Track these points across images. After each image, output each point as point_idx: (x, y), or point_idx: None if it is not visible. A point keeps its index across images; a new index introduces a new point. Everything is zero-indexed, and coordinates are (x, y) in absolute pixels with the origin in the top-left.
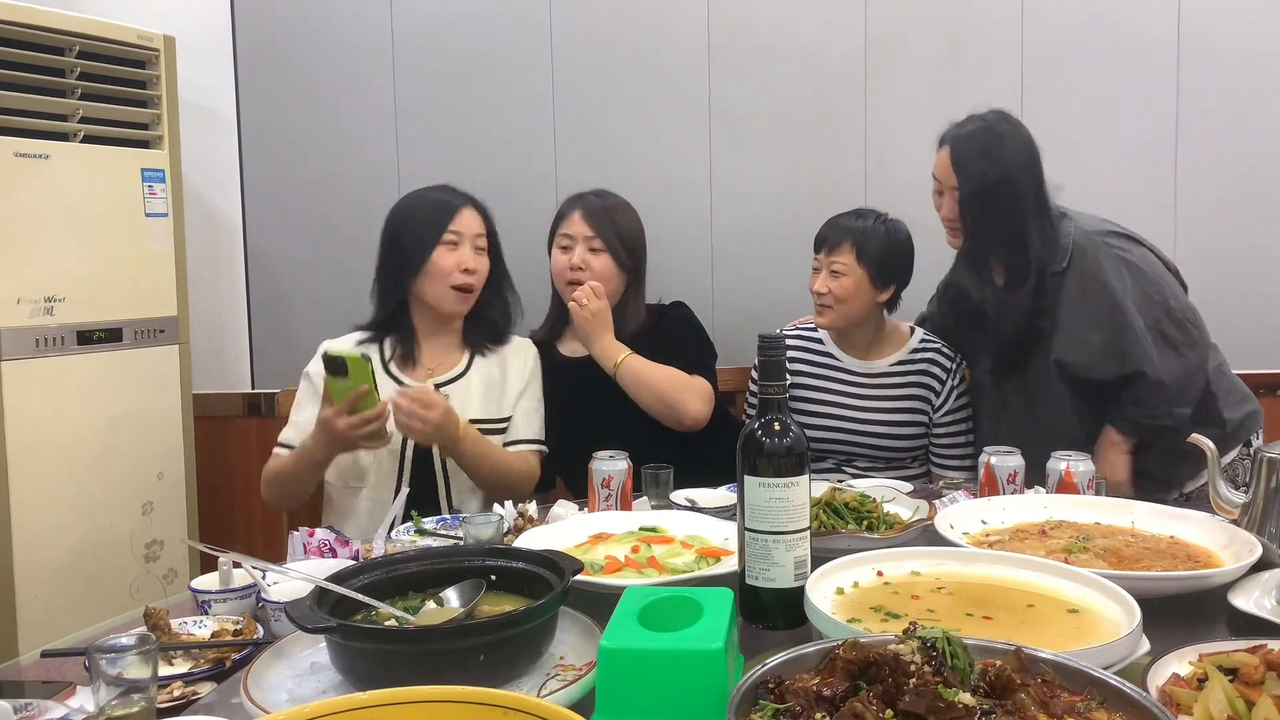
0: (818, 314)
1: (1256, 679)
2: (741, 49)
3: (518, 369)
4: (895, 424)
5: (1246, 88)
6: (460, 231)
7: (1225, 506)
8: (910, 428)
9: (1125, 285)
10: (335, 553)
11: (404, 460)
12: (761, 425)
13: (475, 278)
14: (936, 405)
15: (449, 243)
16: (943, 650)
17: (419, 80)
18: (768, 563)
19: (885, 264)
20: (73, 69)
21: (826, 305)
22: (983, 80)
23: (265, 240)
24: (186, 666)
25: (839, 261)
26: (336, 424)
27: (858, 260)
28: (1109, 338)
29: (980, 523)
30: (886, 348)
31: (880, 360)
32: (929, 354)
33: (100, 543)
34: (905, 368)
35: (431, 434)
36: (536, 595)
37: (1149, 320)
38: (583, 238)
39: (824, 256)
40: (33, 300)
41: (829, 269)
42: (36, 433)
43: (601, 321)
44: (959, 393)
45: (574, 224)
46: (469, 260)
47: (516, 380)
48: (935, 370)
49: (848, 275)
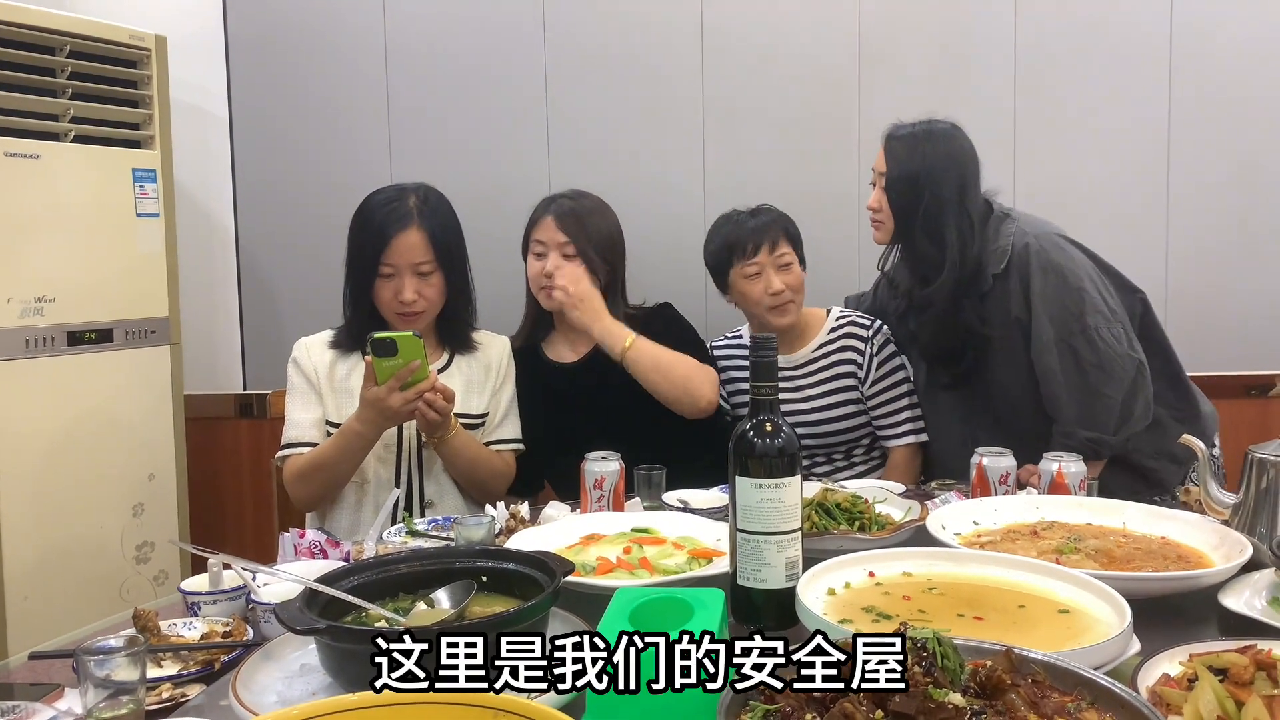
0: (779, 315)
1: (1246, 679)
2: (734, 52)
3: (495, 366)
4: (830, 407)
5: (1238, 87)
6: (395, 264)
7: (1216, 507)
8: (845, 407)
9: (1047, 291)
10: (326, 554)
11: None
12: (753, 426)
13: (416, 304)
14: (863, 377)
15: (385, 275)
16: (933, 651)
17: (411, 82)
18: (759, 563)
19: (801, 248)
20: (64, 69)
21: (787, 301)
22: (976, 81)
23: (257, 241)
24: (175, 668)
25: (785, 254)
26: (390, 401)
27: (794, 247)
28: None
29: (972, 523)
30: (807, 335)
31: (804, 349)
32: (845, 328)
33: (90, 544)
34: (827, 349)
35: (440, 423)
36: (527, 596)
37: (1061, 332)
38: (555, 243)
39: (766, 255)
40: (23, 301)
41: (776, 265)
42: (26, 433)
43: (593, 305)
44: (884, 357)
45: (546, 229)
46: (406, 290)
47: (494, 377)
48: (854, 343)
49: (794, 264)
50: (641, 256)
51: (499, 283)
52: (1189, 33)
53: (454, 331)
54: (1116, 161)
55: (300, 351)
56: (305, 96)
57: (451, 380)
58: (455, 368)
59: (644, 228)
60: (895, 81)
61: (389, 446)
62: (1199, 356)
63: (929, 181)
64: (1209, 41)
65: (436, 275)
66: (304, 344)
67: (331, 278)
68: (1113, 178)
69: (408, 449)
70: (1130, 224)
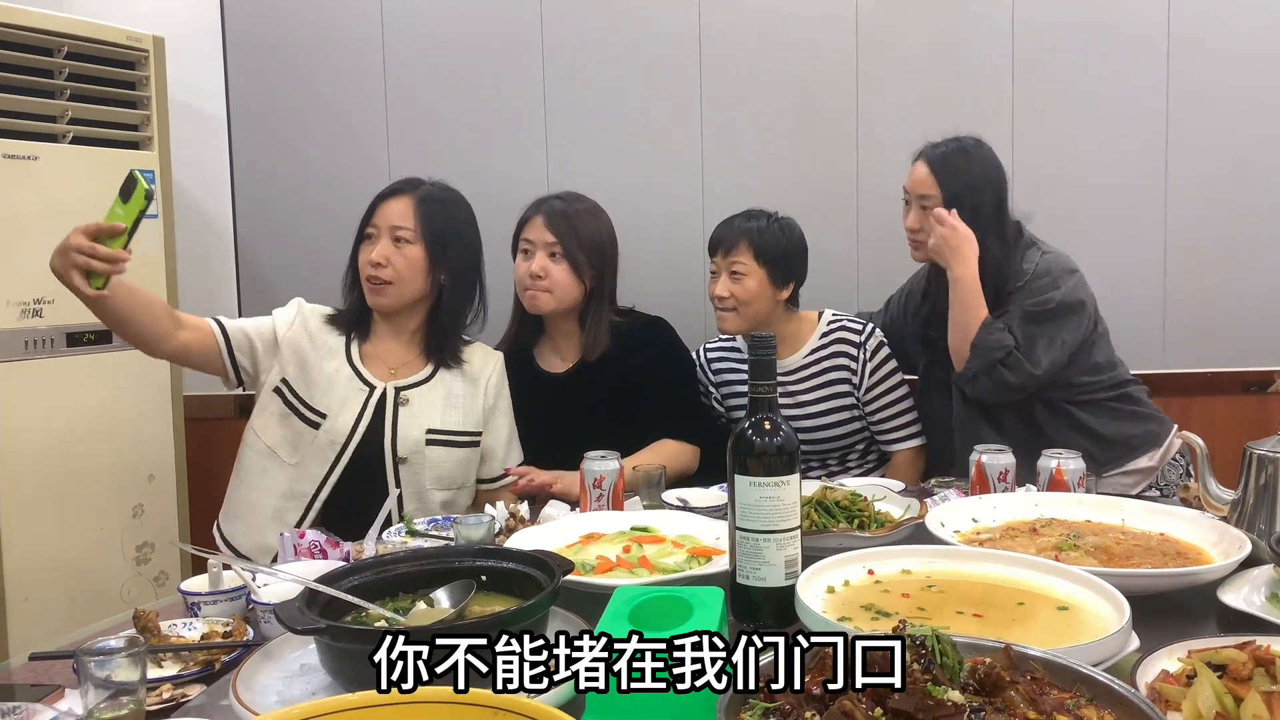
0: (719, 320)
1: (1245, 675)
2: (733, 50)
3: (484, 382)
4: (825, 413)
5: (1236, 82)
6: (378, 225)
7: (1215, 503)
8: (841, 413)
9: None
10: (325, 554)
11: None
12: (752, 424)
13: (386, 270)
14: (857, 382)
15: (368, 236)
16: (932, 648)
17: (410, 81)
18: (758, 562)
19: (783, 262)
20: (61, 70)
21: (728, 309)
22: (974, 81)
23: (255, 241)
24: (176, 669)
25: (738, 262)
26: (70, 235)
27: (756, 260)
28: None
29: (971, 520)
30: (798, 341)
31: (795, 355)
32: (837, 333)
33: (90, 545)
34: (820, 354)
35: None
36: (527, 596)
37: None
38: (543, 244)
39: (721, 259)
40: (21, 302)
41: (728, 271)
42: (26, 435)
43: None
44: (879, 362)
45: (535, 229)
46: (379, 253)
47: (483, 395)
48: (846, 348)
49: (749, 276)
50: (638, 256)
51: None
52: (1187, 26)
53: (441, 340)
54: (1114, 158)
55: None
56: (303, 96)
57: (431, 393)
58: (438, 380)
59: (641, 224)
60: (893, 81)
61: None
62: (1197, 353)
63: (971, 196)
64: (1207, 35)
65: (416, 249)
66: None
67: (330, 277)
68: (1111, 174)
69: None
70: (1128, 219)
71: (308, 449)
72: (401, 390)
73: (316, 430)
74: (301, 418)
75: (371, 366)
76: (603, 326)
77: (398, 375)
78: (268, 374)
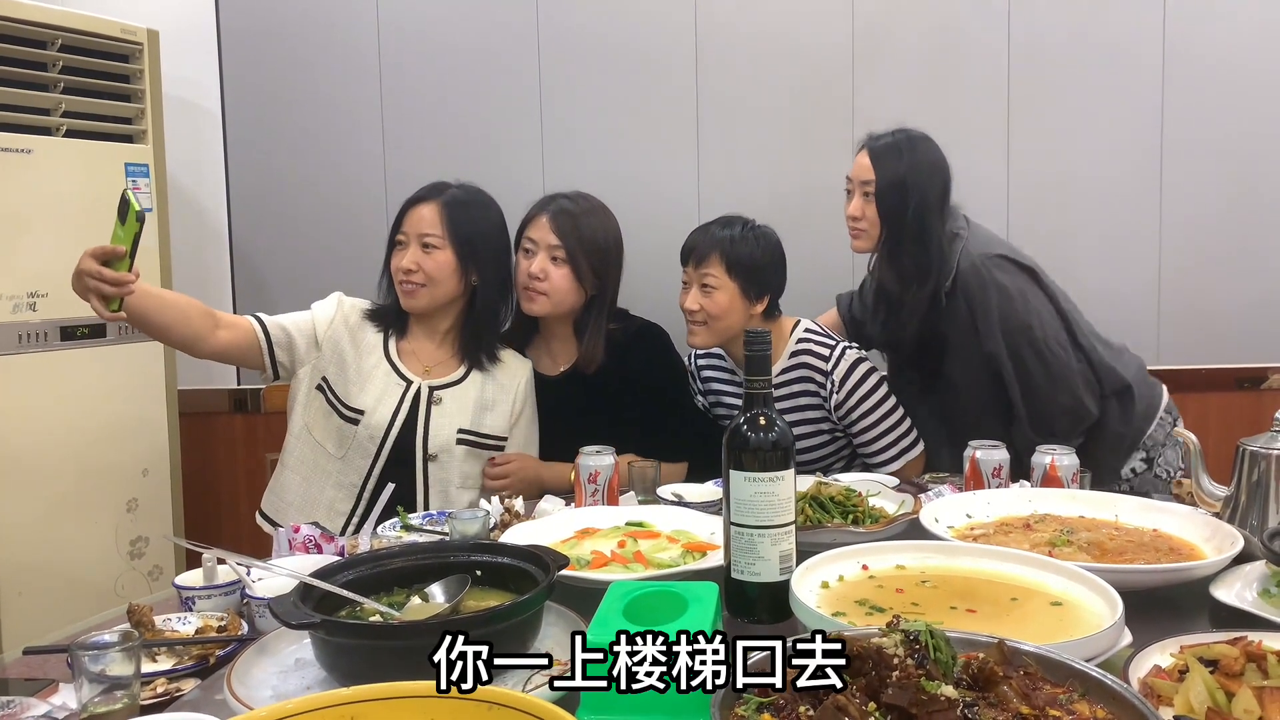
0: (690, 334)
1: (1237, 670)
2: (729, 47)
3: (514, 390)
4: (801, 437)
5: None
6: (407, 232)
7: (1207, 500)
8: (817, 438)
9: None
10: (320, 548)
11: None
12: (746, 420)
13: (417, 276)
14: (826, 398)
15: (399, 243)
16: (926, 643)
17: (405, 76)
18: (753, 557)
19: (756, 275)
20: (55, 63)
21: (698, 323)
22: (970, 78)
23: (250, 236)
24: (170, 663)
25: (709, 274)
26: (81, 259)
27: (728, 273)
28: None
29: (965, 516)
30: (774, 354)
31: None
32: (803, 356)
33: (85, 540)
34: (788, 376)
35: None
36: (522, 590)
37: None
38: (546, 245)
39: (693, 269)
40: (15, 296)
41: (699, 284)
42: (19, 429)
43: (530, 478)
44: (855, 383)
45: (539, 228)
46: (410, 259)
47: (514, 402)
48: (812, 361)
49: (720, 290)
50: (633, 257)
51: None
52: (1183, 26)
53: (476, 341)
54: (1110, 155)
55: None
56: (298, 90)
57: (464, 394)
58: (470, 381)
59: (637, 223)
60: (890, 79)
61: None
62: (1191, 349)
63: (916, 188)
64: (1203, 34)
65: (445, 253)
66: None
67: (324, 271)
68: (1106, 171)
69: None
70: (1123, 217)
71: (351, 443)
72: (435, 390)
73: (356, 426)
74: (342, 415)
75: (408, 363)
76: (599, 339)
77: (432, 375)
78: (305, 368)
